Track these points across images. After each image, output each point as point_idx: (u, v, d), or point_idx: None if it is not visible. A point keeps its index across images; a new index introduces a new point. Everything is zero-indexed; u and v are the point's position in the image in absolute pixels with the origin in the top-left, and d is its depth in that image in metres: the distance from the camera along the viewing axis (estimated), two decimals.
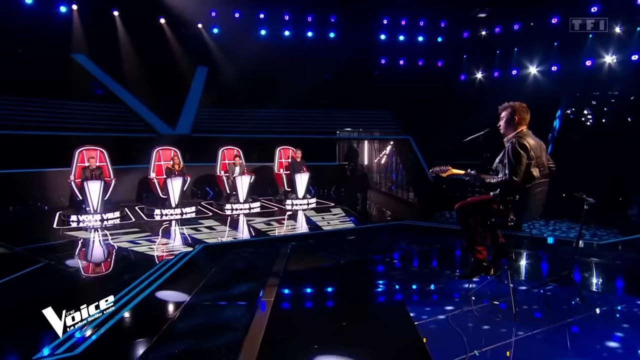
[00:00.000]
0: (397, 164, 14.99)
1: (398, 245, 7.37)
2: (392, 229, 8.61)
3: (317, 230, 8.31)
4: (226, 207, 10.30)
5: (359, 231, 8.32)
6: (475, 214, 4.36)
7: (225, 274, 5.54)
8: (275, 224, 8.95)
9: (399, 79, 15.19)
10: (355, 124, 15.16)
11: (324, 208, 10.56)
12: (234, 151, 11.44)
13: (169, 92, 13.83)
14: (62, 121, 12.12)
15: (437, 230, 8.55)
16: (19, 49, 12.99)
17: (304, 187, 11.00)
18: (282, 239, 7.62)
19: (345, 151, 14.91)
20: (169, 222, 9.12)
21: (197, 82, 15.01)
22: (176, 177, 9.83)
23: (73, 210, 9.48)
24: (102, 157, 10.08)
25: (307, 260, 6.29)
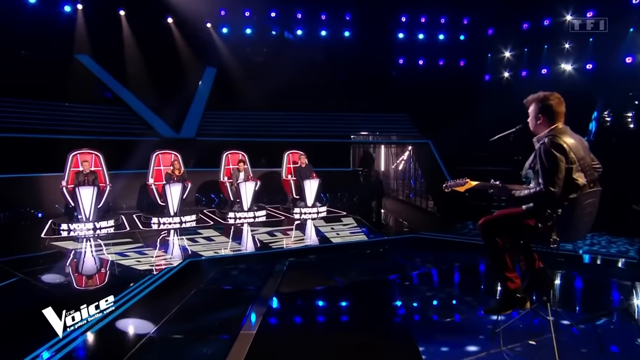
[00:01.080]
0: (415, 170, 14.06)
1: (412, 262, 6.44)
2: (407, 243, 7.71)
3: (325, 243, 7.48)
4: (229, 216, 9.58)
5: (370, 245, 7.45)
6: (505, 232, 3.47)
7: (206, 296, 4.76)
8: (280, 234, 8.16)
9: (418, 79, 14.30)
10: (371, 127, 14.31)
11: (335, 217, 9.73)
12: (238, 155, 10.73)
13: (174, 94, 13.26)
14: (62, 124, 11.65)
15: (459, 245, 7.61)
16: (22, 50, 12.68)
17: (314, 194, 10.19)
18: (281, 253, 6.79)
19: (361, 156, 14.06)
20: (165, 232, 8.44)
21: (205, 83, 14.43)
22: (175, 183, 9.17)
23: (66, 218, 8.90)
24: (97, 162, 9.49)
25: (304, 280, 5.45)
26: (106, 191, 9.10)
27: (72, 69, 12.91)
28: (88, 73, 13.22)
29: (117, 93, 13.28)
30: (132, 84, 13.36)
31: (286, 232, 8.33)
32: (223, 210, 9.91)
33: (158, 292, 4.91)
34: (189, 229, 8.58)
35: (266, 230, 8.42)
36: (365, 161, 13.81)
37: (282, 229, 8.73)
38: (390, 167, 15.53)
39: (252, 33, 14.64)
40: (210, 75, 14.86)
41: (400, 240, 7.89)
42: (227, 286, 5.18)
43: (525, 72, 13.44)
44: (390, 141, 14.57)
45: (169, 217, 9.04)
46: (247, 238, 8.01)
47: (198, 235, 7.99)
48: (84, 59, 13.37)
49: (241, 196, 9.65)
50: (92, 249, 7.08)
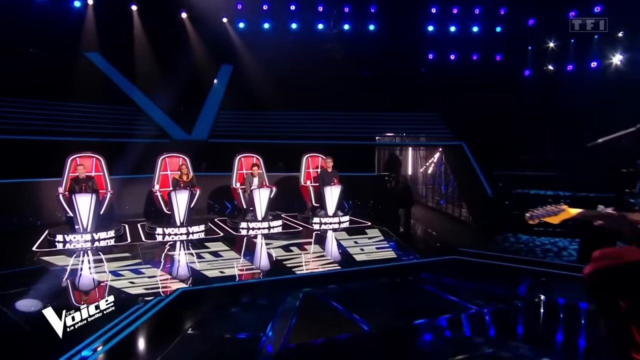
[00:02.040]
0: (446, 174, 12.87)
1: (458, 296, 5.17)
2: (445, 265, 6.54)
3: (347, 262, 6.43)
4: (241, 226, 8.63)
5: (402, 269, 6.30)
6: (630, 290, 2.34)
7: (191, 352, 3.72)
8: (297, 249, 7.16)
9: (450, 76, 13.12)
10: (398, 128, 13.18)
11: (359, 229, 8.68)
12: (252, 159, 9.78)
13: (187, 94, 12.43)
14: (68, 125, 10.92)
15: (511, 270, 6.40)
16: (31, 49, 12.08)
17: (335, 202, 9.16)
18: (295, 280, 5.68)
19: (386, 160, 12.95)
20: (170, 245, 7.54)
21: (220, 81, 13.58)
22: (182, 190, 8.26)
23: (64, 227, 8.10)
24: (98, 166, 8.67)
25: (321, 323, 4.34)
26: (106, 198, 8.26)
27: (82, 68, 12.21)
28: (98, 72, 12.51)
29: (127, 92, 12.52)
30: (142, 83, 12.60)
31: (304, 247, 7.31)
32: (235, 219, 8.97)
33: (132, 340, 3.92)
34: (196, 241, 7.67)
35: (282, 244, 7.43)
36: (391, 165, 12.70)
37: (300, 242, 7.72)
38: (418, 171, 14.37)
39: (271, 28, 13.72)
40: (226, 73, 14.01)
41: (436, 263, 6.65)
42: (220, 331, 4.12)
43: (572, 66, 12.11)
44: (419, 143, 13.41)
45: (175, 227, 8.15)
46: (260, 254, 7.03)
47: (204, 250, 7.06)
48: (94, 57, 12.68)
49: (255, 204, 8.69)
50: (82, 266, 6.20)
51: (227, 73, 14.07)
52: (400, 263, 6.43)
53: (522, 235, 8.76)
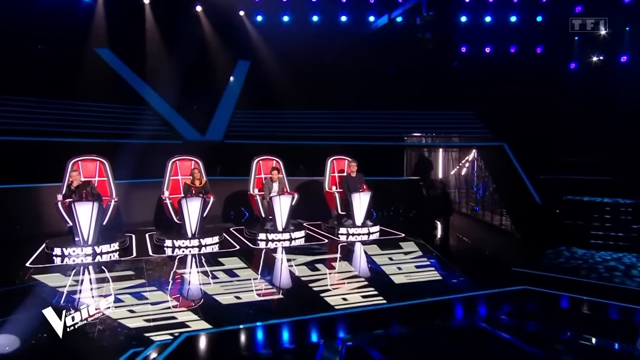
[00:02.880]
0: (483, 177, 11.78)
1: (542, 352, 3.85)
2: (512, 298, 5.25)
3: (385, 286, 5.45)
4: (259, 237, 7.73)
5: (458, 302, 5.15)
6: None
7: None
8: (323, 268, 6.21)
9: (485, 70, 12.02)
10: (429, 127, 12.11)
11: (391, 241, 7.70)
12: (271, 162, 8.87)
13: (201, 91, 11.61)
14: (73, 125, 10.17)
15: (605, 308, 5.05)
16: (38, 45, 11.41)
17: (364, 210, 8.18)
18: (329, 320, 4.55)
19: (415, 162, 11.91)
20: (179, 259, 6.68)
21: (236, 78, 12.72)
22: (193, 197, 7.39)
23: (64, 239, 7.32)
24: (102, 170, 7.87)
25: None
26: (110, 206, 7.44)
27: (90, 64, 11.48)
28: (107, 68, 11.77)
29: (138, 90, 11.76)
30: (154, 81, 11.82)
31: (331, 265, 6.36)
32: (252, 229, 8.07)
33: None
34: (209, 256, 6.79)
35: (305, 260, 6.49)
36: (422, 168, 11.65)
37: (326, 257, 6.77)
38: (449, 174, 13.29)
39: (290, 20, 12.82)
40: (243, 69, 13.14)
41: (501, 295, 5.33)
42: None
43: (627, 57, 10.88)
44: (455, 144, 12.32)
45: (186, 239, 7.29)
46: (281, 273, 6.10)
47: (218, 267, 6.16)
48: (103, 53, 11.95)
49: (274, 213, 7.78)
50: (77, 288, 5.36)
51: (244, 69, 13.21)
52: (458, 296, 5.22)
53: (578, 249, 7.66)
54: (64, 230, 8.04)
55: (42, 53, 11.14)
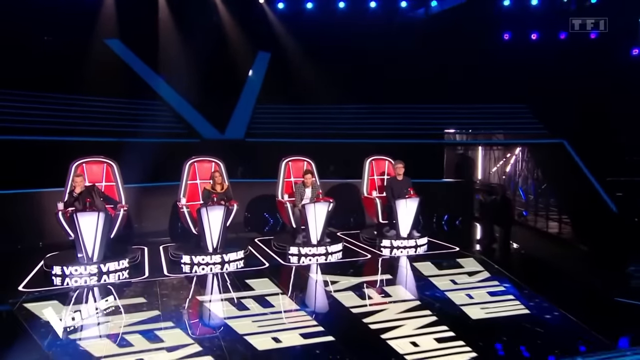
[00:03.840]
0: (530, 178, 10.58)
1: None
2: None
3: (460, 323, 4.32)
4: (290, 252, 6.66)
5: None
6: None
7: None
8: (374, 294, 5.09)
9: (533, 59, 10.77)
10: (473, 123, 10.90)
11: (444, 256, 6.56)
12: (302, 164, 7.78)
13: (219, 85, 10.57)
14: (81, 122, 9.21)
15: None
16: (44, 35, 10.49)
17: (411, 219, 7.04)
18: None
19: (456, 162, 10.72)
20: (199, 280, 5.64)
21: (256, 71, 11.65)
22: (215, 206, 6.32)
23: (66, 255, 6.34)
24: (109, 173, 6.85)
25: None
26: (119, 216, 6.42)
27: (100, 56, 10.50)
28: (118, 61, 10.79)
29: (150, 84, 10.76)
30: (168, 74, 10.81)
31: (383, 290, 5.23)
32: (282, 243, 6.99)
33: None
34: (234, 276, 5.73)
35: (349, 283, 5.39)
36: (463, 168, 10.47)
37: (373, 279, 5.67)
38: (491, 174, 12.10)
39: (315, 7, 11.71)
40: (263, 61, 12.08)
41: None
42: None
43: None
44: (503, 142, 11.10)
45: (206, 254, 6.24)
46: (325, 303, 4.99)
47: (247, 293, 5.08)
48: (113, 44, 10.97)
49: (308, 223, 6.68)
50: (74, 325, 4.32)
51: (265, 61, 12.15)
52: (552, 324, 3.99)
53: None
54: (68, 242, 7.07)
55: (47, 44, 10.24)
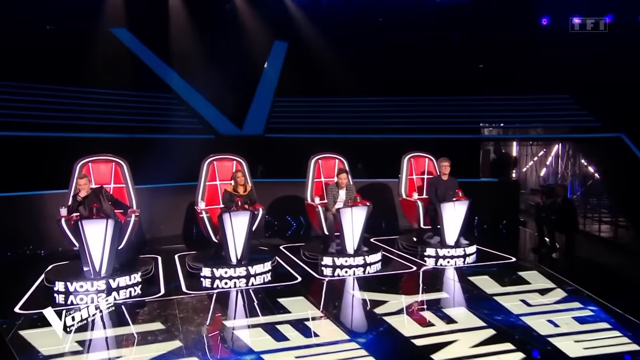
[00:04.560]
0: (574, 176, 9.70)
1: None
2: None
3: None
4: (323, 262, 5.85)
5: None
6: None
7: None
8: (436, 319, 4.24)
9: (575, 45, 9.85)
10: (513, 116, 10.01)
11: (503, 269, 5.71)
12: (334, 162, 6.95)
13: (234, 77, 9.73)
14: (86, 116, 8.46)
15: None
16: (47, 25, 9.73)
17: (458, 225, 6.20)
18: None
19: (493, 159, 9.85)
20: (221, 300, 4.85)
21: (273, 62, 10.81)
22: (239, 211, 5.51)
23: (70, 267, 5.59)
24: (118, 174, 6.06)
25: None
26: (130, 222, 5.63)
27: (106, 47, 9.73)
28: (125, 51, 10.01)
29: (161, 76, 9.97)
30: (180, 65, 10.02)
31: (445, 314, 4.37)
32: (312, 252, 6.19)
33: None
34: (263, 294, 4.93)
35: (400, 304, 4.54)
36: (502, 166, 9.60)
37: (430, 299, 4.83)
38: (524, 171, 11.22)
39: None
40: (280, 51, 11.25)
41: None
42: None
43: None
44: (553, 136, 10.18)
45: (230, 267, 5.44)
46: (373, 329, 4.17)
47: (282, 317, 4.27)
48: (121, 33, 10.18)
49: (343, 230, 5.86)
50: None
51: (282, 51, 11.32)
52: None
53: None
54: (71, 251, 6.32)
55: (50, 33, 9.48)
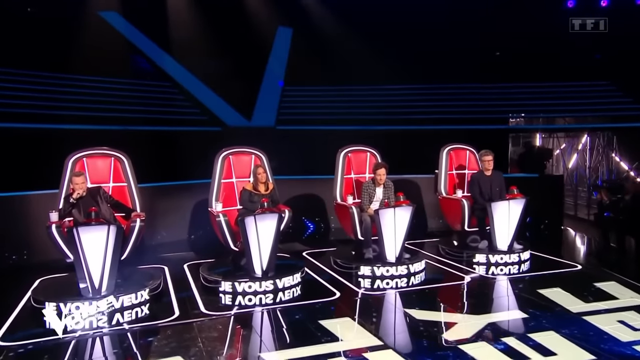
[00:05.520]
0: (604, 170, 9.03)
1: None
2: None
3: None
4: (360, 272, 5.03)
5: None
6: None
7: None
8: (524, 349, 3.41)
9: (612, 27, 9.14)
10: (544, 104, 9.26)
11: (568, 278, 4.95)
12: (365, 155, 6.11)
13: (238, 64, 8.82)
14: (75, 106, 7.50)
15: None
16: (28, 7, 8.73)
17: (513, 228, 5.41)
18: None
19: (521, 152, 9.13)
20: (254, 323, 4.01)
21: (279, 49, 9.90)
22: (266, 214, 4.62)
23: (63, 283, 4.69)
24: (118, 171, 5.14)
25: None
26: (135, 229, 4.72)
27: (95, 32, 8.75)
28: (117, 36, 9.02)
29: (157, 63, 9.01)
30: (179, 50, 9.07)
31: (534, 341, 3.56)
32: (344, 259, 5.36)
33: None
34: (304, 316, 4.10)
35: (473, 328, 3.74)
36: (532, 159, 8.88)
37: (502, 320, 4.03)
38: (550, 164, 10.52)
39: None
40: (285, 38, 10.35)
41: None
42: None
43: None
44: (597, 126, 9.45)
45: (253, 279, 4.58)
46: None
47: (330, 347, 3.44)
48: (111, 17, 9.18)
49: (383, 234, 5.04)
50: None
51: (287, 38, 10.43)
52: None
53: None
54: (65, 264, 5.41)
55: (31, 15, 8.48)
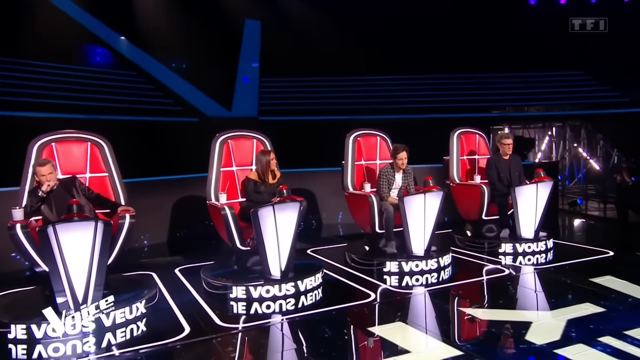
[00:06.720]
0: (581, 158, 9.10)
1: None
2: None
3: None
4: (385, 269, 4.46)
5: None
6: None
7: None
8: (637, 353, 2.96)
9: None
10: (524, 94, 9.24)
11: (601, 263, 4.66)
12: (376, 140, 5.55)
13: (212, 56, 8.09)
14: (29, 92, 6.47)
15: None
16: None
17: (539, 214, 5.05)
18: None
19: None
20: (285, 338, 3.31)
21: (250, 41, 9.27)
22: (286, 204, 3.91)
23: (35, 297, 3.76)
24: (96, 159, 4.22)
25: None
26: (124, 228, 3.86)
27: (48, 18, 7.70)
28: (69, 23, 7.99)
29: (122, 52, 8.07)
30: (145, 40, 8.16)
31: (615, 349, 3.13)
32: (361, 254, 4.78)
33: None
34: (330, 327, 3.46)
35: (552, 327, 3.27)
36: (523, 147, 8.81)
37: (577, 316, 3.59)
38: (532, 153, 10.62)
39: None
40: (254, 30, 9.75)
41: None
42: None
43: None
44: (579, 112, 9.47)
45: (269, 282, 3.86)
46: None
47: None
48: (64, 4, 8.16)
49: (408, 225, 4.50)
50: None
51: (256, 31, 9.82)
52: None
53: None
54: (28, 275, 4.44)
55: None
